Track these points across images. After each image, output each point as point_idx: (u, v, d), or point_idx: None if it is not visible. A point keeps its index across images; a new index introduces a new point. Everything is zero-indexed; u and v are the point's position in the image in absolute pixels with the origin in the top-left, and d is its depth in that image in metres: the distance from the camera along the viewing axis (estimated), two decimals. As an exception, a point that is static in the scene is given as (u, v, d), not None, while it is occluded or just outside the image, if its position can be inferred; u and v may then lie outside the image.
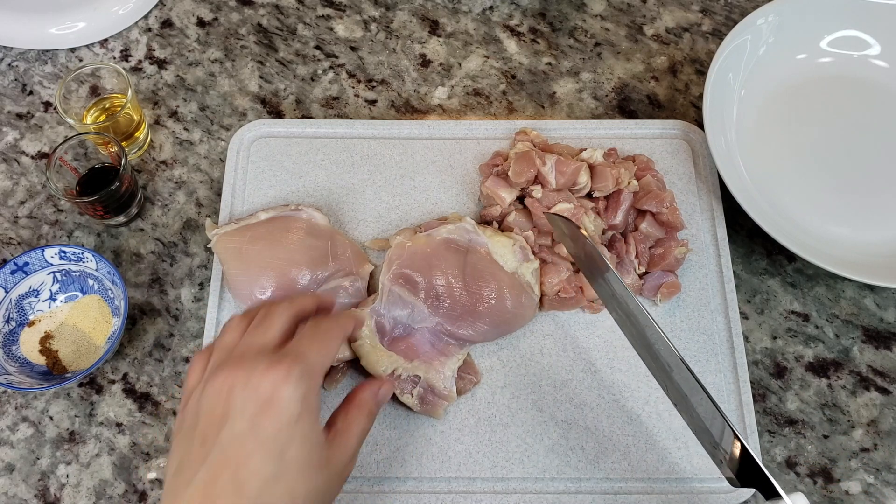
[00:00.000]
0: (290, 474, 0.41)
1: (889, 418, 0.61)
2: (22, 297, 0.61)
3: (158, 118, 0.72)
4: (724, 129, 0.67)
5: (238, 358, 0.43)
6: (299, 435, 0.42)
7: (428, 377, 0.58)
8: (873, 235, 0.66)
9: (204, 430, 0.42)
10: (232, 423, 0.41)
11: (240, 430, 0.41)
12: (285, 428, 0.41)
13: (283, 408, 0.41)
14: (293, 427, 0.41)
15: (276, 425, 0.41)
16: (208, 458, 0.41)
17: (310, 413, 0.42)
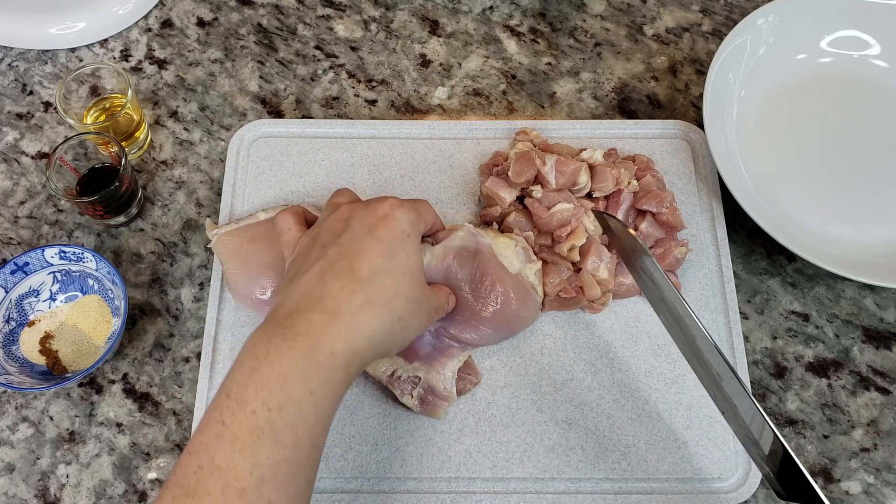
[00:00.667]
0: (396, 272, 0.48)
1: (889, 418, 0.61)
2: (22, 297, 0.61)
3: (158, 118, 0.72)
4: (724, 129, 0.67)
5: (355, 200, 0.51)
6: (409, 246, 0.49)
7: (428, 378, 0.58)
8: (873, 235, 0.66)
9: (324, 240, 0.48)
10: (352, 230, 0.48)
11: (358, 234, 0.48)
12: (397, 237, 0.48)
13: (397, 221, 0.49)
14: (404, 239, 0.49)
15: (390, 233, 0.48)
16: (326, 254, 0.47)
17: (416, 237, 0.50)
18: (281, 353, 0.43)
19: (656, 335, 0.61)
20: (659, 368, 0.60)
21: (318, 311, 0.45)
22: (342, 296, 0.45)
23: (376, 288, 0.46)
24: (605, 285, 0.61)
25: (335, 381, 0.44)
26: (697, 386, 0.59)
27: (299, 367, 0.43)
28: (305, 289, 0.46)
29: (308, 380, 0.43)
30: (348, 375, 0.45)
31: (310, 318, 0.44)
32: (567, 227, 0.61)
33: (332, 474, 0.57)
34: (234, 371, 0.43)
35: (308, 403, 0.42)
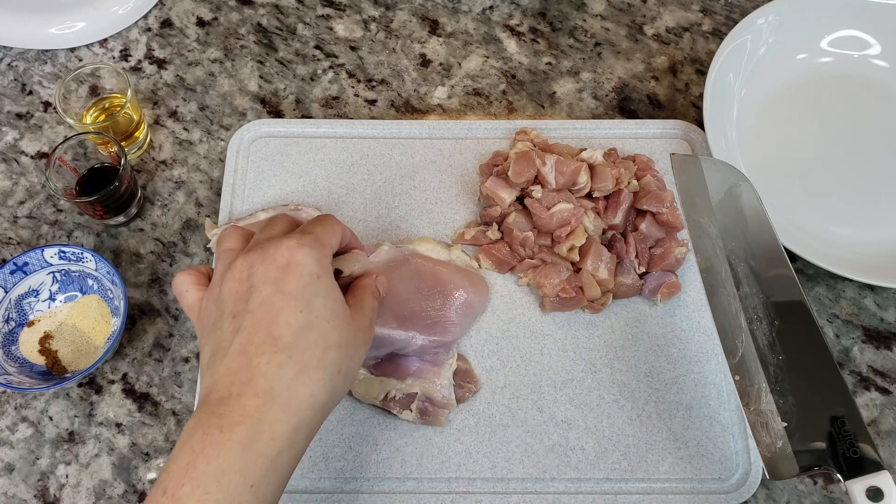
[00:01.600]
0: (320, 322, 0.44)
1: (889, 418, 0.61)
2: (21, 297, 0.61)
3: (158, 118, 0.72)
4: (724, 128, 0.67)
5: (251, 248, 0.46)
6: (322, 289, 0.44)
7: (425, 390, 0.58)
8: (873, 235, 0.66)
9: (232, 308, 0.44)
10: (258, 291, 0.43)
11: (266, 295, 0.43)
12: (308, 284, 0.44)
13: (302, 267, 0.44)
14: (315, 283, 0.44)
15: (299, 283, 0.44)
16: (241, 327, 0.43)
17: (327, 273, 0.45)
18: (217, 447, 0.40)
19: (656, 335, 0.61)
20: (659, 368, 0.60)
21: (250, 395, 0.41)
22: (271, 371, 0.42)
23: (304, 350, 0.43)
24: (605, 285, 0.61)
25: (279, 467, 0.41)
26: (697, 386, 0.59)
27: (237, 460, 0.40)
28: (231, 370, 0.42)
29: (248, 473, 0.40)
30: (294, 454, 0.43)
31: (244, 404, 0.41)
32: (567, 227, 0.61)
33: (332, 474, 0.57)
34: (170, 464, 0.40)
35: (248, 498, 0.40)
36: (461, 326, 0.60)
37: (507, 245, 0.63)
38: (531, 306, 0.62)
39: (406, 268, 0.60)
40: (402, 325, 0.58)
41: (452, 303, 0.59)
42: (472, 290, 0.60)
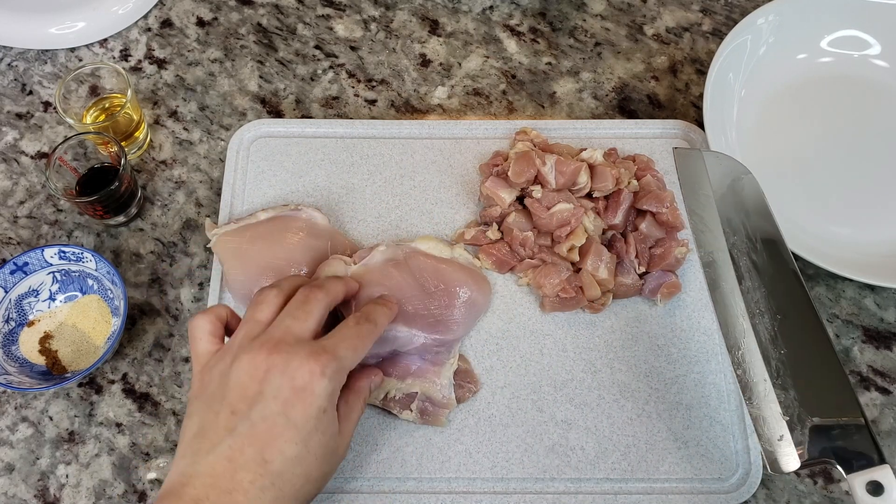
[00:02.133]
0: (310, 458, 0.45)
1: (889, 418, 0.61)
2: (21, 297, 0.61)
3: (158, 118, 0.72)
4: (724, 128, 0.67)
5: (278, 341, 0.46)
6: (323, 426, 0.45)
7: (425, 390, 0.58)
8: (874, 235, 0.66)
9: (234, 402, 0.44)
10: (265, 403, 0.44)
11: (271, 412, 0.44)
12: (313, 418, 0.45)
13: (315, 398, 0.44)
14: (320, 418, 0.45)
15: (306, 414, 0.44)
16: (236, 429, 0.44)
17: (333, 407, 0.47)
18: None
19: (656, 335, 0.61)
20: (659, 368, 0.60)
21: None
22: (252, 492, 0.43)
23: (287, 481, 0.44)
24: (605, 285, 0.61)
25: None
26: (697, 386, 0.59)
27: None
28: (214, 472, 0.43)
29: None
30: None
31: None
32: (567, 227, 0.61)
33: (332, 474, 0.57)
34: None
35: None
36: (464, 325, 0.60)
37: (507, 245, 0.63)
38: (531, 306, 0.62)
39: (408, 266, 0.60)
40: (405, 322, 0.58)
41: (456, 301, 0.59)
42: (475, 288, 0.60)
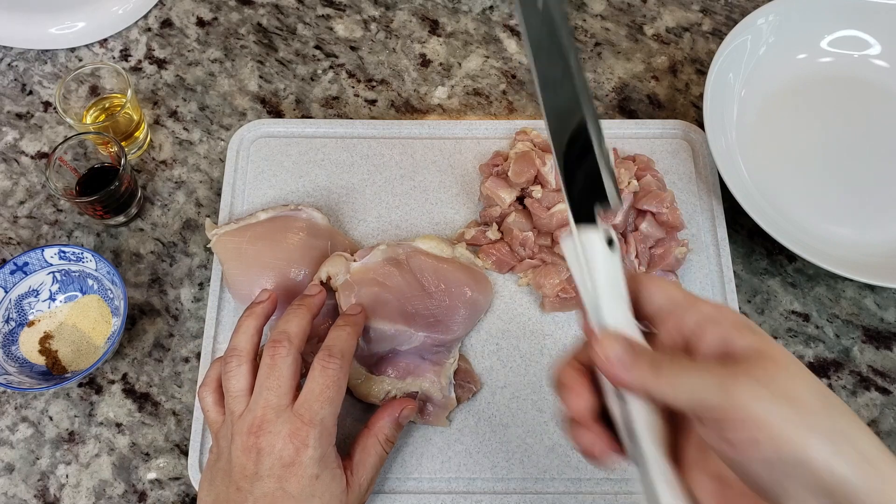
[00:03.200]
0: None
1: (889, 418, 0.61)
2: (21, 297, 0.61)
3: (158, 118, 0.72)
4: (724, 128, 0.67)
5: (261, 421, 0.48)
6: (320, 489, 0.48)
7: (424, 390, 0.58)
8: (873, 235, 0.66)
9: (237, 480, 0.48)
10: (263, 481, 0.47)
11: (270, 488, 0.47)
12: (308, 486, 0.48)
13: (304, 469, 0.48)
14: (314, 484, 0.48)
15: (299, 484, 0.48)
16: None
17: (327, 468, 0.49)
18: None
19: (656, 335, 0.61)
20: (659, 368, 0.60)
21: None
22: None
23: None
24: (606, 285, 0.61)
25: None
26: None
27: None
28: None
29: None
30: None
31: None
32: (567, 227, 0.61)
33: (332, 474, 0.57)
34: None
35: None
36: (464, 325, 0.59)
37: (507, 245, 0.63)
38: (531, 306, 0.62)
39: (409, 265, 0.60)
40: (404, 321, 0.58)
41: (457, 301, 0.59)
42: (476, 288, 0.60)
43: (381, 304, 0.58)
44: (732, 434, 0.32)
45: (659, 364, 0.34)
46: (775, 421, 0.31)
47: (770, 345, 0.33)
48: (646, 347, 0.35)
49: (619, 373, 0.34)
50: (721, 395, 0.31)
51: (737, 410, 0.31)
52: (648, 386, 0.34)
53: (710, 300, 0.36)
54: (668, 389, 0.33)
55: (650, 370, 0.34)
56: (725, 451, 0.33)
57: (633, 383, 0.34)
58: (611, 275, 0.36)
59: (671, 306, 0.36)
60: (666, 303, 0.36)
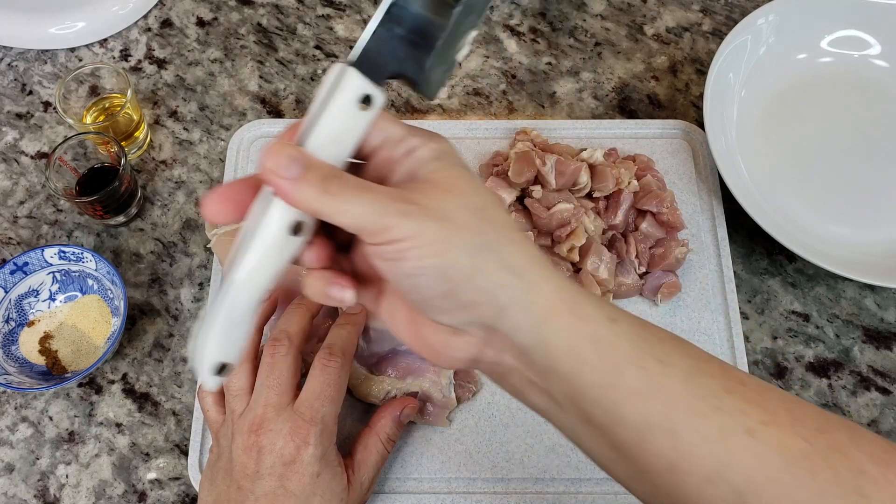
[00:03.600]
0: None
1: (889, 418, 0.61)
2: (21, 297, 0.61)
3: (158, 118, 0.72)
4: (724, 128, 0.67)
5: (261, 420, 0.49)
6: (321, 487, 0.48)
7: (425, 390, 0.57)
8: (873, 235, 0.66)
9: (238, 479, 0.48)
10: (263, 480, 0.47)
11: (271, 486, 0.47)
12: (308, 484, 0.48)
13: (305, 467, 0.48)
14: (315, 482, 0.48)
15: (300, 483, 0.47)
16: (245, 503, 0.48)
17: (328, 467, 0.49)
18: None
19: (656, 335, 0.61)
20: (659, 368, 0.60)
21: None
22: None
23: None
24: (605, 285, 0.61)
25: None
26: (698, 386, 0.59)
27: None
28: None
29: None
30: None
31: None
32: (567, 227, 0.61)
33: (332, 474, 0.57)
34: None
35: None
36: None
37: (508, 245, 0.63)
38: (531, 306, 0.62)
39: None
40: None
41: None
42: None
43: None
44: (384, 250, 0.32)
45: (328, 182, 0.32)
46: (419, 237, 0.32)
47: (444, 172, 0.34)
48: (322, 164, 0.33)
49: (285, 185, 0.32)
50: (376, 216, 0.32)
51: (389, 230, 0.32)
52: (313, 203, 0.32)
53: (426, 134, 0.35)
54: (333, 207, 0.32)
55: (319, 186, 0.32)
56: (383, 268, 0.33)
57: (298, 198, 0.32)
58: (344, 120, 0.34)
59: (384, 141, 0.35)
60: (381, 139, 0.35)
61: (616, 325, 0.34)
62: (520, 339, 0.34)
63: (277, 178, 0.32)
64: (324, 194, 0.32)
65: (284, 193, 0.32)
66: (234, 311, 0.34)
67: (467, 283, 0.33)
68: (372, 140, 0.35)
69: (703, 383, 0.33)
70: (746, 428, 0.32)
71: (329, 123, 0.33)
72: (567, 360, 0.33)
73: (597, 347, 0.33)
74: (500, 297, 0.33)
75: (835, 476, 0.31)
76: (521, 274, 0.33)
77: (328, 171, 0.33)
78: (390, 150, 0.35)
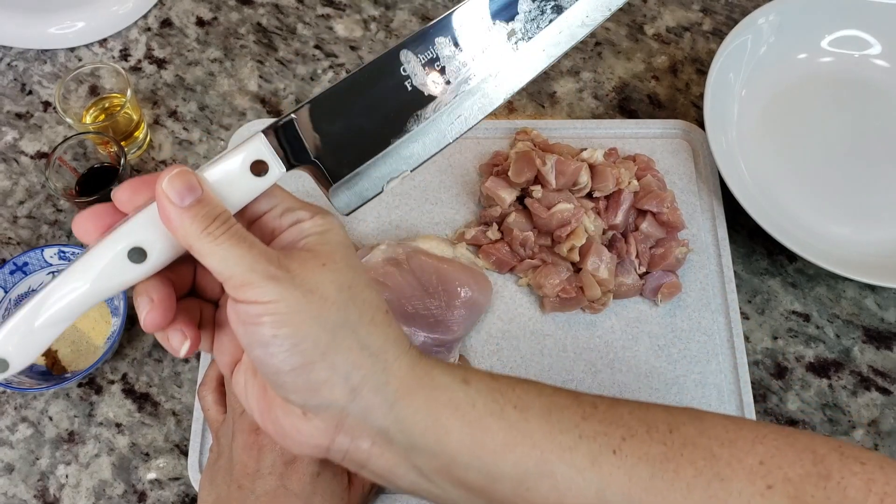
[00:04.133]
0: None
1: (890, 418, 0.61)
2: (21, 298, 0.61)
3: (158, 118, 0.72)
4: (724, 128, 0.67)
5: None
6: (321, 486, 0.48)
7: None
8: (873, 235, 0.66)
9: (239, 478, 0.48)
10: (264, 478, 0.47)
11: (272, 486, 0.47)
12: (309, 483, 0.47)
13: (305, 466, 0.47)
14: (315, 481, 0.48)
15: (302, 482, 0.47)
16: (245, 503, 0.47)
17: (328, 467, 0.49)
18: None
19: (656, 335, 0.61)
20: (659, 368, 0.60)
21: None
22: None
23: None
24: (606, 285, 0.61)
25: None
26: (698, 386, 0.59)
27: None
28: None
29: None
30: None
31: None
32: (567, 227, 0.61)
33: (332, 475, 0.57)
34: None
35: None
36: (464, 325, 0.59)
37: (507, 245, 0.63)
38: (531, 306, 0.62)
39: (409, 265, 0.60)
40: (404, 321, 0.58)
41: (456, 301, 0.59)
42: (476, 288, 0.60)
43: None
44: (244, 311, 0.31)
45: (214, 222, 0.31)
46: (280, 303, 0.31)
47: (325, 246, 0.34)
48: (216, 203, 0.32)
49: (172, 211, 0.31)
50: (245, 269, 0.31)
51: (252, 288, 0.31)
52: (191, 237, 0.31)
53: (317, 209, 0.36)
54: (208, 248, 0.31)
55: (203, 223, 0.31)
56: (239, 332, 0.32)
57: (179, 228, 0.31)
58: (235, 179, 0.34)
59: (273, 208, 0.35)
60: (270, 205, 0.35)
61: (470, 385, 0.35)
62: (375, 420, 0.33)
63: (167, 202, 0.31)
64: (204, 233, 0.31)
65: (168, 218, 0.32)
66: (37, 317, 0.32)
67: (322, 359, 0.32)
68: (261, 205, 0.35)
69: (561, 417, 0.34)
70: (611, 448, 0.34)
71: (219, 175, 0.33)
72: (430, 433, 0.33)
73: (456, 412, 0.34)
74: (353, 376, 0.32)
75: (694, 469, 0.33)
76: (376, 355, 0.33)
77: (218, 213, 0.32)
78: (278, 218, 0.35)
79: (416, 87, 0.38)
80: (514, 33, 0.38)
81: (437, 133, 0.41)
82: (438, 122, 0.40)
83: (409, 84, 0.38)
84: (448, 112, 0.40)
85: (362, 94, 0.37)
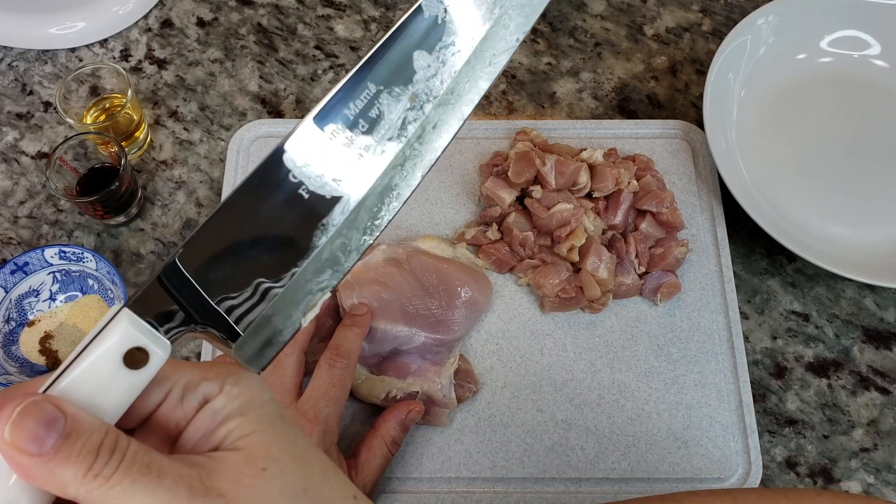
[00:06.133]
0: None
1: (889, 418, 0.61)
2: (22, 297, 0.61)
3: (158, 118, 0.72)
4: (724, 128, 0.67)
5: None
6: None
7: (425, 390, 0.58)
8: (873, 235, 0.66)
9: None
10: None
11: None
12: None
13: None
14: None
15: None
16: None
17: None
18: None
19: (656, 335, 0.61)
20: (659, 368, 0.60)
21: None
22: None
23: None
24: (605, 285, 0.61)
25: None
26: (697, 386, 0.59)
27: None
28: None
29: None
30: None
31: None
32: (567, 227, 0.61)
33: (332, 474, 0.57)
34: None
35: None
36: (465, 325, 0.60)
37: (507, 245, 0.63)
38: (531, 306, 0.63)
39: (409, 265, 0.60)
40: (405, 321, 0.58)
41: (456, 301, 0.59)
42: (476, 288, 0.60)
43: (382, 305, 0.58)
44: None
45: (101, 458, 0.23)
46: None
47: (255, 437, 0.27)
48: (94, 426, 0.24)
49: (32, 466, 0.22)
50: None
51: None
52: (72, 487, 0.23)
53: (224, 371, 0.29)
54: (105, 500, 0.23)
55: (85, 464, 0.23)
56: None
57: (51, 483, 0.23)
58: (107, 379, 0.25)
59: (169, 395, 0.28)
60: (163, 393, 0.28)
61: None
62: None
63: (19, 455, 0.22)
64: (88, 475, 0.23)
65: (29, 475, 0.22)
66: None
67: None
68: (151, 396, 0.27)
69: None
70: None
71: (83, 379, 0.25)
72: None
73: None
74: None
75: None
76: None
77: (99, 441, 0.23)
78: (179, 405, 0.27)
79: (314, 192, 0.31)
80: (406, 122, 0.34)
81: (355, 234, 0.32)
82: (355, 222, 0.31)
83: (305, 191, 0.31)
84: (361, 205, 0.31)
85: (247, 220, 0.30)
